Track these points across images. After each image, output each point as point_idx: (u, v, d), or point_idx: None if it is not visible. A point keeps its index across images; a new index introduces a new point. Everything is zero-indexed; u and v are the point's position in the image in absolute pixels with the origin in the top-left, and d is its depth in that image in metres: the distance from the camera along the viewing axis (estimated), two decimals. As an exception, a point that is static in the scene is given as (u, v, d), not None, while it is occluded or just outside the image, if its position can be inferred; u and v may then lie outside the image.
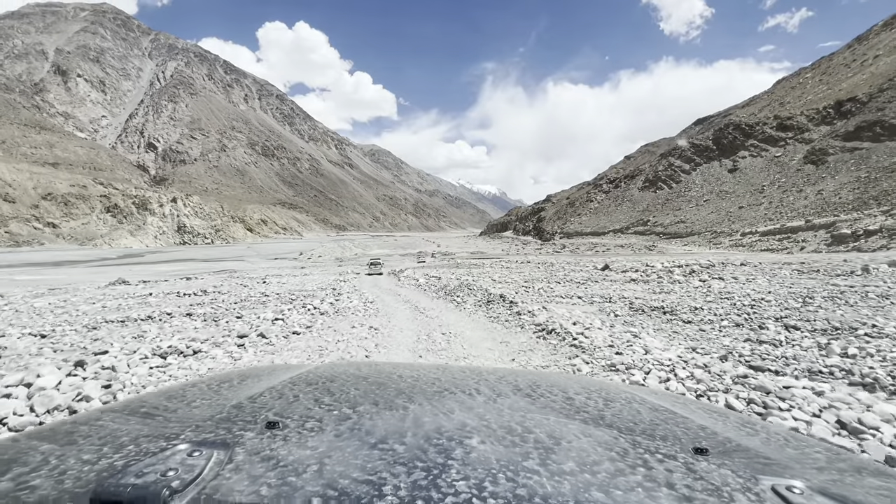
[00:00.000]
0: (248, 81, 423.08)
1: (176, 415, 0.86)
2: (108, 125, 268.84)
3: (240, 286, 16.75)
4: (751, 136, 68.26)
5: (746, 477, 0.65)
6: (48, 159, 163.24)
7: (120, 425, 0.78)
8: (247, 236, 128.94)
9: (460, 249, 59.89)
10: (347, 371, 1.25)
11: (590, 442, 0.74)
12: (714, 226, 49.89)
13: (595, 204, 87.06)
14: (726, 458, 0.73)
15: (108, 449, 0.66)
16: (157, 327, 7.97)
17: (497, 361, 5.62)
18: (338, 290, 14.48)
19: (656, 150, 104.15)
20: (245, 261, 44.52)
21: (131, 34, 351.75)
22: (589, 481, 0.59)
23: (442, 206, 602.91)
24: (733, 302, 9.27)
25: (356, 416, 0.81)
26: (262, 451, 0.64)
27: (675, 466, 0.67)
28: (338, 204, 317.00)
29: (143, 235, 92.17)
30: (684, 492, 0.59)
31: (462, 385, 1.10)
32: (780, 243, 34.63)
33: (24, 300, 13.38)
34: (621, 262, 24.69)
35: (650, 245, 49.18)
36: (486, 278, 18.19)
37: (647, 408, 1.04)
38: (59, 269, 34.87)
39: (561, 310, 8.74)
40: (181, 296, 13.49)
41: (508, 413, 0.88)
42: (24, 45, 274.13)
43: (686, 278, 14.89)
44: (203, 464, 0.59)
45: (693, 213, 58.93)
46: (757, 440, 0.89)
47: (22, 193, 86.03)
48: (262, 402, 0.91)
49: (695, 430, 0.89)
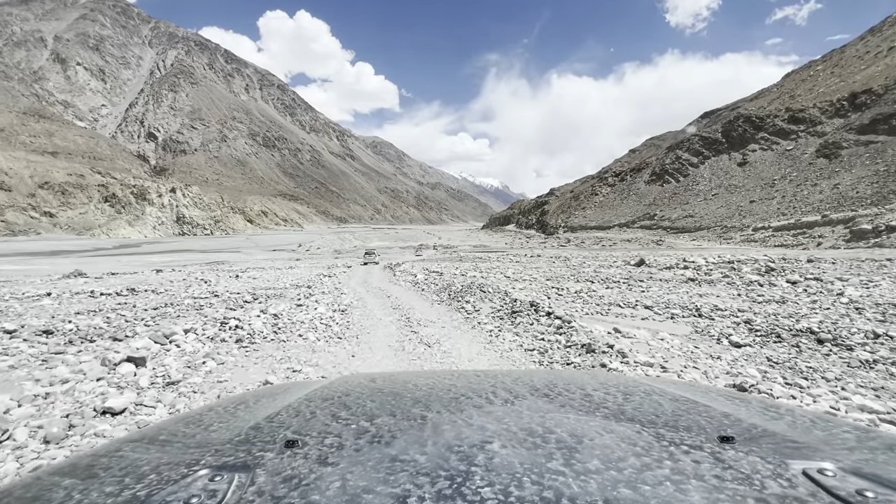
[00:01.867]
0: (249, 71, 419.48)
1: (194, 440, 0.86)
2: (107, 114, 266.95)
3: (189, 283, 14.23)
4: (761, 129, 66.65)
5: (776, 462, 0.64)
6: (47, 148, 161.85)
7: (140, 455, 0.78)
8: (247, 228, 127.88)
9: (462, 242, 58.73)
10: (362, 384, 1.24)
11: (613, 438, 0.74)
12: (724, 220, 48.60)
13: (600, 198, 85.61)
14: (753, 445, 0.72)
15: (129, 480, 0.66)
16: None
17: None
18: (314, 288, 12.49)
19: (662, 144, 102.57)
20: (241, 252, 43.51)
21: (131, 22, 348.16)
22: (616, 478, 0.59)
23: (444, 199, 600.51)
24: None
25: (375, 429, 0.81)
26: (283, 472, 0.64)
27: (702, 457, 0.66)
28: (339, 196, 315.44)
29: (141, 226, 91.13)
30: (714, 482, 0.58)
31: (478, 389, 1.09)
32: (795, 239, 33.41)
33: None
34: (652, 257, 22.41)
35: (657, 240, 47.98)
36: (497, 275, 15.80)
37: (667, 399, 1.03)
38: (49, 259, 33.84)
39: (641, 332, 6.25)
40: (97, 296, 10.72)
41: (528, 414, 0.87)
42: (22, 33, 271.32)
43: (763, 277, 12.27)
44: (225, 488, 0.59)
45: (702, 208, 57.59)
46: (783, 424, 0.88)
47: (18, 182, 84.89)
48: (280, 421, 0.91)
49: (718, 419, 0.88)
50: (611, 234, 62.68)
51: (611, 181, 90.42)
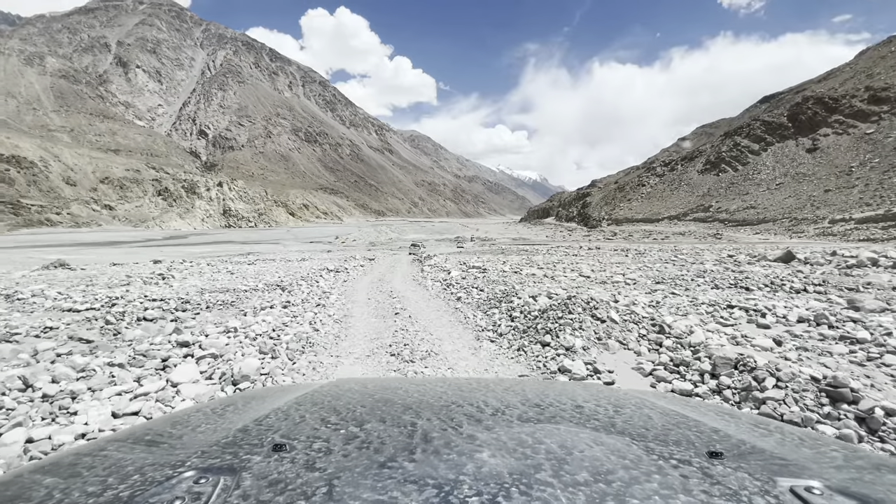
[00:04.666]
0: (293, 69, 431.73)
1: (181, 441, 0.84)
2: (163, 113, 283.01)
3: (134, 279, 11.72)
4: (835, 112, 60.01)
5: (764, 479, 0.64)
6: (110, 146, 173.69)
7: (124, 454, 0.77)
8: (289, 220, 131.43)
9: (500, 235, 56.78)
10: (353, 388, 1.24)
11: (602, 450, 0.73)
12: (793, 212, 43.86)
13: (648, 188, 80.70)
14: (742, 461, 0.71)
15: (112, 480, 0.65)
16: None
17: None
18: (295, 290, 9.82)
19: (715, 131, 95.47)
20: (280, 244, 43.81)
21: (185, 25, 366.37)
22: (604, 491, 0.58)
23: (481, 192, 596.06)
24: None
25: (364, 435, 0.80)
26: (269, 475, 0.63)
27: (691, 472, 0.66)
28: (377, 189, 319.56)
29: (191, 218, 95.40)
30: (702, 497, 0.57)
31: (470, 398, 1.08)
32: (886, 232, 29.20)
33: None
34: (793, 249, 17.57)
35: (715, 233, 44.05)
36: (570, 274, 12.14)
37: (657, 413, 1.02)
38: (99, 250, 35.24)
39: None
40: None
41: (518, 424, 0.87)
42: (89, 39, 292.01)
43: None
44: (210, 491, 0.59)
45: (765, 198, 52.55)
46: (772, 441, 0.88)
47: (83, 177, 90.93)
48: (268, 425, 0.90)
49: (708, 434, 0.87)
50: (660, 227, 58.63)
51: (659, 171, 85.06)
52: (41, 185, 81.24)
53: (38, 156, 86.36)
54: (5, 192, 73.97)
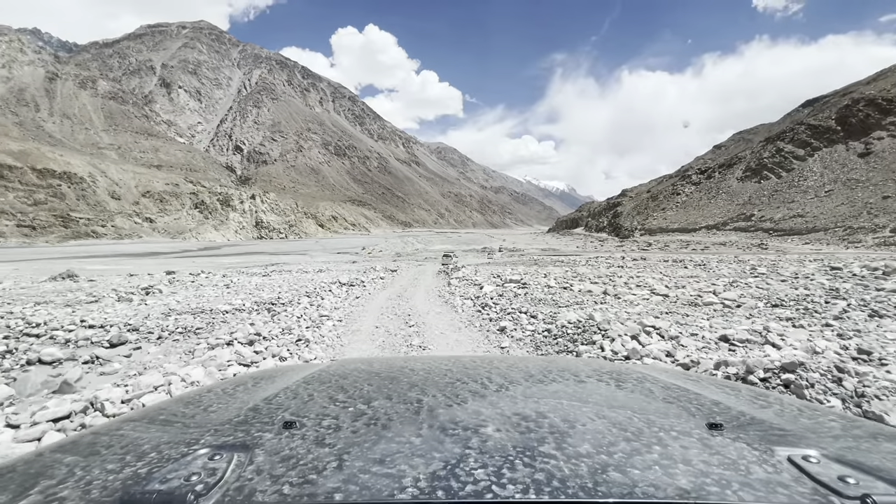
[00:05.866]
0: (323, 85, 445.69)
1: (194, 420, 0.87)
2: (202, 130, 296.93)
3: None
4: (890, 113, 56.15)
5: (762, 449, 0.66)
6: (153, 162, 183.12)
7: (140, 434, 0.79)
8: (318, 232, 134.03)
9: (528, 245, 55.49)
10: (359, 367, 1.26)
11: (604, 423, 0.75)
12: (847, 220, 40.83)
13: (683, 197, 77.54)
14: (741, 432, 0.73)
15: (130, 458, 0.67)
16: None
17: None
18: (289, 307, 8.72)
19: (754, 137, 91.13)
20: (308, 254, 44.20)
21: (223, 47, 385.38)
22: (606, 462, 0.60)
23: (507, 203, 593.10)
24: None
25: (371, 412, 0.82)
26: (281, 451, 0.65)
27: (691, 443, 0.67)
28: (404, 201, 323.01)
29: (225, 230, 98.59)
30: (701, 467, 0.59)
31: (474, 374, 1.10)
32: (959, 242, 26.45)
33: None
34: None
35: (759, 243, 41.45)
36: (636, 291, 10.17)
37: (659, 386, 1.04)
38: (135, 260, 36.38)
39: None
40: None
41: (522, 399, 0.88)
42: (137, 63, 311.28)
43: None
44: (225, 466, 0.60)
45: (814, 206, 49.28)
46: (770, 412, 0.90)
47: (126, 192, 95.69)
48: (278, 403, 0.92)
49: (708, 406, 0.89)
50: (698, 236, 55.92)
51: (695, 179, 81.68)
52: (89, 200, 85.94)
53: (88, 172, 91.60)
54: (57, 206, 78.58)
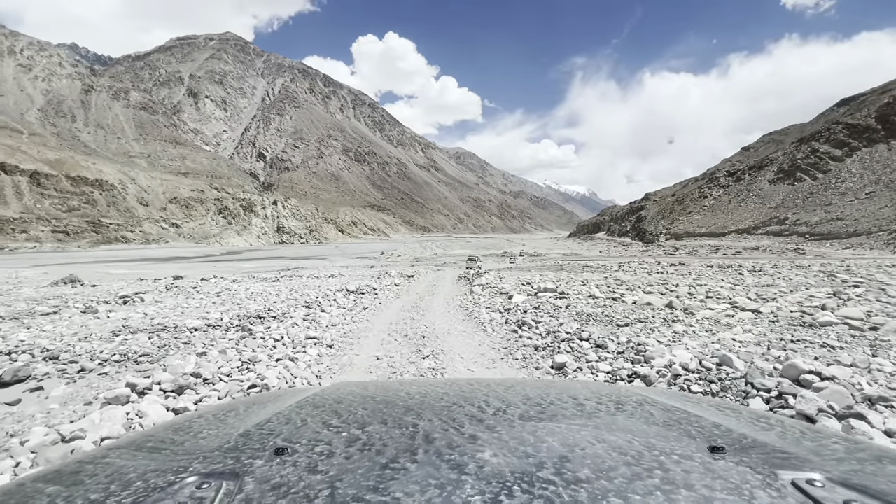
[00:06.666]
0: (344, 93, 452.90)
1: (183, 447, 0.84)
2: (227, 138, 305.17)
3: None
4: (938, 109, 52.84)
5: (765, 473, 0.64)
6: (181, 169, 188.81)
7: (126, 462, 0.77)
8: (338, 237, 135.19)
9: (550, 250, 54.15)
10: (354, 391, 1.24)
11: (604, 447, 0.74)
12: (892, 223, 38.35)
13: (710, 200, 74.87)
14: (743, 455, 0.71)
15: (115, 487, 0.65)
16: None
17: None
18: (283, 321, 7.59)
19: (785, 139, 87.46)
20: (328, 259, 44.13)
21: (248, 57, 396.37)
22: (606, 488, 0.58)
23: (527, 208, 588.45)
24: None
25: (366, 437, 0.81)
26: (271, 479, 0.64)
27: (693, 467, 0.66)
28: (423, 206, 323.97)
29: (247, 235, 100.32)
30: (704, 492, 0.57)
31: (471, 398, 1.08)
32: None
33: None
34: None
35: (794, 248, 39.25)
36: (712, 305, 8.60)
37: (659, 409, 1.02)
38: (158, 265, 36.92)
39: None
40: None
41: (520, 423, 0.87)
42: (166, 74, 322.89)
43: None
44: (212, 496, 0.59)
45: (854, 209, 46.59)
46: (773, 435, 0.88)
47: (154, 198, 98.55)
48: (270, 429, 0.90)
49: (709, 429, 0.87)
50: (728, 241, 53.63)
51: (723, 182, 78.85)
52: (119, 206, 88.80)
53: (118, 179, 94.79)
54: (89, 212, 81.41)
